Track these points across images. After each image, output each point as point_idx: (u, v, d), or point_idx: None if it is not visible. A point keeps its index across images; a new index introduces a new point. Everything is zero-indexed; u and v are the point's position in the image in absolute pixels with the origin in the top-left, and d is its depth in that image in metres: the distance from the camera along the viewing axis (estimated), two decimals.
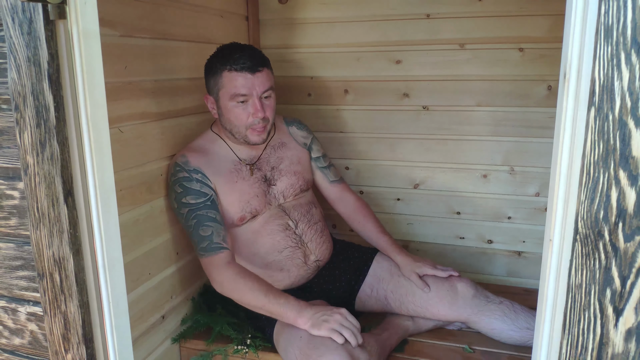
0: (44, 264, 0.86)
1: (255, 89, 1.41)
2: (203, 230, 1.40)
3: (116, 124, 1.28)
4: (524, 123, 1.83)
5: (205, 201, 1.42)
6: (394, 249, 1.62)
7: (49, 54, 0.77)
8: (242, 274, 1.38)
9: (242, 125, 1.44)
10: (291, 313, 1.33)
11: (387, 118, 1.96)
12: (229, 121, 1.45)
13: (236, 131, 1.46)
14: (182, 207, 1.42)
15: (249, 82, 1.40)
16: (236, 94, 1.40)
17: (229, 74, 1.40)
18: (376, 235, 1.66)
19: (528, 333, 1.47)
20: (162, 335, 1.53)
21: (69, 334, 0.88)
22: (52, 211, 0.82)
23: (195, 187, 1.42)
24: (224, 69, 1.40)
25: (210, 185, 1.44)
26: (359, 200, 1.72)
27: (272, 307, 1.35)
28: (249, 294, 1.36)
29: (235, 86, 1.40)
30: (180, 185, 1.42)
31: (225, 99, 1.42)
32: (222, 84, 1.41)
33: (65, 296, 0.86)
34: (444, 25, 1.82)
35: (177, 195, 1.43)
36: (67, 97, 0.80)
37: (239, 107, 1.42)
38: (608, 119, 0.59)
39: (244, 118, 1.43)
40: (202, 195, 1.42)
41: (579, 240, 0.62)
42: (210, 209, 1.41)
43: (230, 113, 1.43)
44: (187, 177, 1.43)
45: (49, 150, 0.80)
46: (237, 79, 1.39)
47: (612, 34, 0.57)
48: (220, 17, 1.79)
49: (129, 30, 1.32)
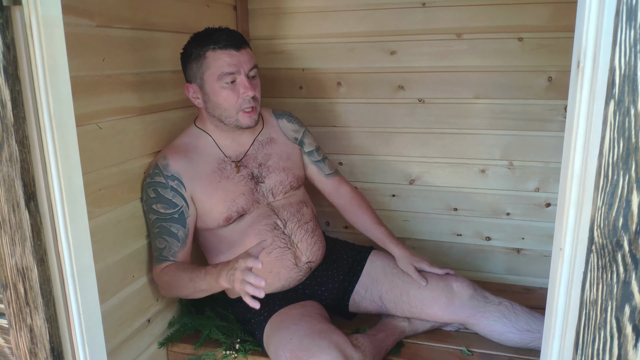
0: (7, 274, 0.79)
1: (243, 66, 1.35)
2: (159, 242, 1.40)
3: (94, 120, 1.23)
4: (523, 116, 1.78)
5: (173, 213, 1.39)
6: (390, 240, 1.58)
7: (4, 45, 0.69)
8: (170, 272, 1.38)
9: (232, 107, 1.38)
10: (213, 281, 1.27)
11: (382, 111, 1.91)
12: (217, 106, 1.38)
13: (226, 115, 1.39)
14: (151, 213, 1.40)
15: (235, 59, 1.34)
16: (224, 73, 1.34)
17: (214, 54, 1.34)
18: (372, 226, 1.62)
19: (528, 335, 1.43)
20: (148, 340, 1.49)
21: (36, 348, 0.81)
22: (13, 217, 0.75)
23: (168, 195, 1.38)
24: (207, 50, 1.34)
25: (184, 194, 1.40)
26: (355, 191, 1.69)
27: (200, 286, 1.31)
28: (180, 286, 1.35)
29: (222, 65, 1.34)
30: (154, 190, 1.39)
31: (212, 81, 1.35)
32: (207, 65, 1.35)
33: (31, 308, 0.79)
34: (440, 14, 1.77)
35: (148, 199, 1.40)
36: (27, 92, 0.73)
37: (228, 88, 1.36)
38: (629, 114, 0.51)
39: (233, 99, 1.37)
40: (172, 205, 1.39)
41: (594, 250, 0.55)
42: (176, 223, 1.40)
43: (218, 96, 1.37)
44: (162, 184, 1.38)
45: (7, 150, 0.72)
46: (222, 57, 1.34)
47: (637, 15, 0.49)
48: (206, 7, 1.72)
49: (107, 20, 1.26)
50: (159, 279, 1.42)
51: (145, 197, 1.41)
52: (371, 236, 1.63)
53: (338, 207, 1.69)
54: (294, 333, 1.31)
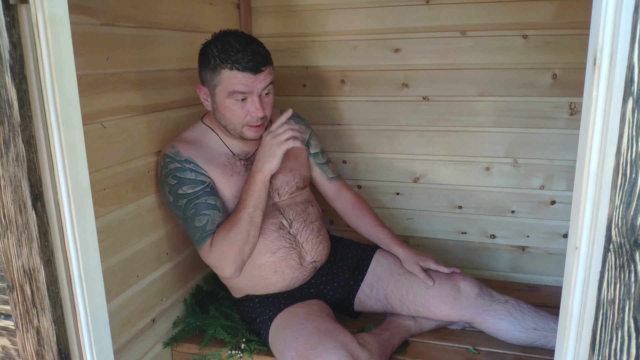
0: (14, 275, 0.78)
1: (257, 87, 1.32)
2: (198, 220, 1.34)
3: (98, 119, 1.21)
4: (527, 113, 1.77)
5: (203, 188, 1.35)
6: (394, 242, 1.58)
7: (10, 43, 0.68)
8: (219, 235, 1.33)
9: (238, 123, 1.36)
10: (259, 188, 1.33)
11: (386, 109, 1.89)
12: (223, 117, 1.37)
13: (231, 127, 1.39)
14: (180, 199, 1.35)
15: (250, 82, 1.31)
16: (235, 92, 1.31)
17: (230, 73, 1.30)
18: (375, 229, 1.61)
19: (535, 333, 1.43)
20: (153, 340, 1.48)
21: (43, 350, 0.81)
22: (20, 218, 0.74)
23: (190, 176, 1.35)
24: (224, 67, 1.30)
25: (205, 173, 1.37)
26: (357, 196, 1.67)
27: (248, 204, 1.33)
28: (235, 233, 1.31)
29: (235, 84, 1.31)
30: (174, 177, 1.35)
31: (222, 96, 1.33)
32: (220, 80, 1.32)
33: (38, 310, 0.78)
34: (444, 11, 1.75)
35: (171, 187, 1.36)
36: (33, 91, 0.72)
37: (237, 104, 1.33)
38: None
39: (241, 116, 1.35)
40: (199, 183, 1.35)
41: (612, 250, 0.54)
42: (210, 195, 1.35)
43: (226, 110, 1.35)
44: (179, 168, 1.35)
45: (13, 150, 0.72)
46: (237, 77, 1.30)
47: None
48: (209, 5, 1.71)
49: (111, 19, 1.25)
50: (211, 254, 1.33)
51: (167, 188, 1.36)
52: (374, 239, 1.63)
53: (339, 212, 1.68)
54: (300, 332, 1.30)
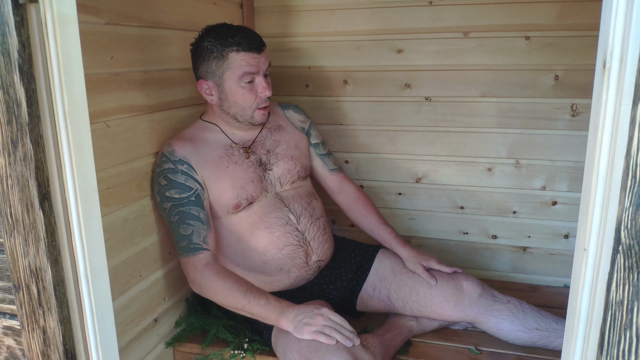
0: (20, 275, 0.78)
1: (262, 66, 1.39)
2: (184, 228, 1.36)
3: (102, 118, 1.22)
4: (530, 114, 1.77)
5: (189, 196, 1.37)
6: (397, 241, 1.58)
7: (19, 43, 0.68)
8: (220, 275, 1.34)
9: (249, 106, 1.41)
10: (272, 315, 1.30)
11: (388, 109, 1.90)
12: (234, 104, 1.41)
13: (242, 114, 1.42)
14: (165, 201, 1.37)
15: (256, 61, 1.38)
16: (245, 73, 1.37)
17: (237, 55, 1.36)
18: (378, 227, 1.61)
19: (537, 334, 1.43)
20: (155, 340, 1.48)
21: (49, 350, 0.81)
22: (27, 217, 0.74)
23: (180, 179, 1.37)
24: (231, 50, 1.36)
25: (197, 177, 1.39)
26: (359, 190, 1.68)
27: (252, 309, 1.31)
28: (228, 295, 1.32)
29: (244, 65, 1.36)
30: (165, 177, 1.37)
31: (232, 81, 1.38)
32: (229, 65, 1.37)
33: (44, 310, 0.78)
34: (447, 12, 1.76)
35: (160, 188, 1.38)
36: (41, 91, 0.72)
37: (246, 87, 1.39)
38: None
39: (252, 98, 1.40)
40: (186, 189, 1.37)
41: (621, 251, 0.54)
42: (194, 206, 1.37)
43: (236, 95, 1.39)
44: (172, 169, 1.37)
45: (21, 149, 0.72)
46: (245, 59, 1.36)
47: None
48: (213, 4, 1.71)
49: (116, 18, 1.25)
50: (201, 276, 1.34)
51: (157, 187, 1.39)
52: (376, 236, 1.63)
53: (342, 206, 1.68)
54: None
